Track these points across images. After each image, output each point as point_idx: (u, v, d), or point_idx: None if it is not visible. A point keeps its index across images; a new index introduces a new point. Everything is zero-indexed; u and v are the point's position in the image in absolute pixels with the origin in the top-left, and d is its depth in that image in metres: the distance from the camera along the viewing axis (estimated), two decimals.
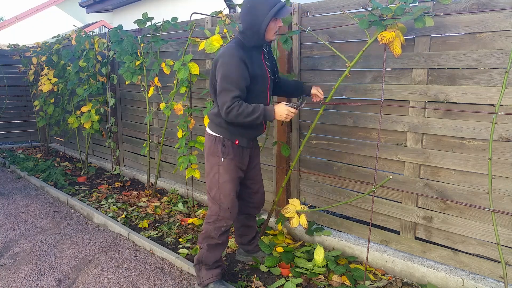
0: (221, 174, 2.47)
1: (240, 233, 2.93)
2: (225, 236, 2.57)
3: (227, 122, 2.43)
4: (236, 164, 2.49)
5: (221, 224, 2.51)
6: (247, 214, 2.84)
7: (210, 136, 2.52)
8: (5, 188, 5.07)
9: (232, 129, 2.45)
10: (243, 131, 2.48)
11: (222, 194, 2.48)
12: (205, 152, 2.56)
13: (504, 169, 2.32)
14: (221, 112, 2.33)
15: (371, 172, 2.91)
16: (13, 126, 7.49)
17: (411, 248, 2.75)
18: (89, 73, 4.96)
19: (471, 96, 2.40)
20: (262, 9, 2.26)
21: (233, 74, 2.28)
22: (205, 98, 4.01)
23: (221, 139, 2.47)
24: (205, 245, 2.55)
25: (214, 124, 2.50)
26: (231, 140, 2.47)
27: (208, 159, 2.52)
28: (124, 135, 5.47)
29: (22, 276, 2.90)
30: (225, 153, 2.46)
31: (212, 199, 2.52)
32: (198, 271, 2.60)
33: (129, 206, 4.25)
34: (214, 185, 2.49)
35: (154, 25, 4.04)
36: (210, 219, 2.53)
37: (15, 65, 6.87)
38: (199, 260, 2.59)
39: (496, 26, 2.28)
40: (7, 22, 16.03)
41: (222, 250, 2.61)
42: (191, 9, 4.02)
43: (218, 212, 2.50)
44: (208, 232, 2.53)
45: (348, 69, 2.65)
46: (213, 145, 2.49)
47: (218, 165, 2.47)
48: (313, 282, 2.69)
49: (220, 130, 2.47)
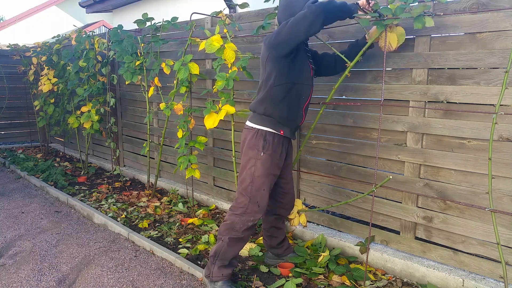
0: (257, 167, 2.46)
1: (269, 235, 2.88)
2: (249, 232, 2.53)
3: (273, 109, 2.44)
4: (273, 161, 2.49)
5: (248, 217, 2.48)
6: (277, 215, 2.81)
7: (251, 130, 2.51)
8: (5, 188, 5.07)
9: (278, 118, 2.46)
10: (287, 120, 2.48)
11: (255, 187, 2.47)
12: (243, 146, 2.55)
13: (504, 169, 2.32)
14: (300, 14, 2.23)
15: (371, 172, 2.91)
16: (13, 126, 7.49)
17: (411, 248, 2.75)
18: (89, 73, 4.96)
19: (471, 96, 2.40)
20: (298, 5, 2.36)
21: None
22: (205, 98, 4.01)
23: (263, 133, 2.47)
24: (227, 238, 2.50)
25: (257, 115, 2.50)
26: (275, 130, 2.47)
27: (246, 152, 2.51)
28: (124, 135, 5.47)
29: (22, 276, 2.90)
30: (265, 148, 2.46)
31: (243, 190, 2.50)
32: (210, 264, 2.55)
33: (129, 206, 4.25)
34: (249, 177, 2.48)
35: (154, 25, 4.04)
36: (237, 210, 2.50)
37: (15, 65, 6.87)
38: (216, 252, 2.53)
39: (496, 26, 2.28)
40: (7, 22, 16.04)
41: (242, 246, 2.57)
42: (191, 9, 4.02)
43: (247, 204, 2.47)
44: (233, 223, 2.49)
45: (348, 69, 2.66)
46: (253, 139, 2.48)
47: (256, 158, 2.47)
48: (313, 282, 2.69)
49: (265, 121, 2.47)
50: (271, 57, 2.42)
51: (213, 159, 4.14)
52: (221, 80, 3.09)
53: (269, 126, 2.48)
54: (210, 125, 3.17)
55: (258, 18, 3.46)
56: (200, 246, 3.20)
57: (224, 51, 3.09)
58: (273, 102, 2.44)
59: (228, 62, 3.12)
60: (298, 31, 2.24)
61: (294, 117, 2.51)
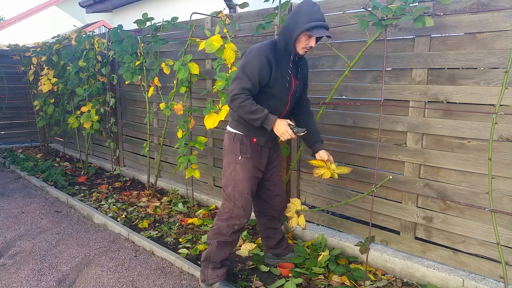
0: (237, 172, 2.47)
1: (266, 236, 2.89)
2: (236, 235, 2.56)
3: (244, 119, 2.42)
4: (253, 163, 2.49)
5: (234, 222, 2.49)
6: (270, 216, 2.80)
7: (229, 134, 2.53)
8: (5, 188, 5.07)
9: (249, 126, 2.44)
10: (256, 132, 2.46)
11: (237, 192, 2.47)
12: (224, 150, 2.57)
13: (504, 169, 2.32)
14: (228, 98, 2.36)
15: (371, 172, 2.91)
16: (13, 126, 7.50)
17: (411, 248, 2.75)
18: (89, 73, 4.96)
19: (471, 96, 2.40)
20: (301, 18, 2.24)
21: (252, 67, 2.30)
22: (205, 98, 4.01)
23: (240, 136, 2.48)
24: (215, 242, 2.54)
25: (233, 120, 2.52)
26: (249, 138, 2.47)
27: (226, 157, 2.53)
28: (124, 135, 5.47)
29: (22, 276, 2.90)
30: (242, 151, 2.46)
31: (227, 196, 2.51)
32: (204, 268, 2.59)
33: (129, 206, 4.25)
34: (230, 182, 2.49)
35: (154, 25, 4.04)
36: (223, 216, 2.52)
37: (15, 65, 6.88)
38: (207, 256, 2.57)
39: (496, 26, 2.28)
40: (7, 22, 16.04)
41: (232, 248, 2.60)
42: (191, 9, 4.02)
43: (232, 209, 2.49)
44: (220, 228, 2.52)
45: (348, 69, 2.66)
46: (231, 143, 2.50)
47: (235, 163, 2.47)
48: (313, 282, 2.69)
49: (239, 126, 2.48)
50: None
51: (213, 159, 4.14)
52: (221, 80, 3.09)
53: (243, 132, 2.47)
54: (210, 125, 3.17)
55: (258, 18, 3.46)
56: (200, 246, 3.20)
57: (224, 51, 3.09)
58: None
59: (228, 62, 3.12)
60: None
61: (264, 131, 2.44)
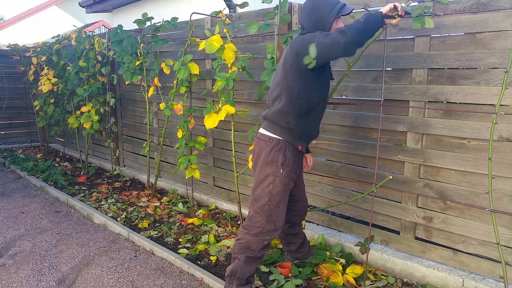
0: (276, 185, 2.33)
1: (286, 242, 2.79)
2: (264, 251, 2.43)
3: (297, 124, 2.29)
4: (291, 176, 2.37)
5: (265, 237, 2.38)
6: (291, 223, 2.70)
7: (269, 141, 2.34)
8: (5, 188, 5.07)
9: (299, 133, 2.32)
10: (307, 136, 2.39)
11: (272, 205, 2.35)
12: (258, 158, 2.39)
13: (504, 169, 2.32)
14: (334, 43, 2.09)
15: (371, 172, 2.91)
16: (13, 126, 7.49)
17: (411, 248, 2.75)
18: (89, 73, 4.96)
19: (471, 96, 2.40)
20: (325, 9, 2.24)
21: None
22: (205, 98, 4.01)
23: (283, 144, 2.32)
24: (243, 257, 2.40)
25: (277, 125, 2.33)
26: (294, 145, 2.34)
27: (264, 168, 2.35)
28: (124, 135, 5.47)
29: (22, 276, 2.90)
30: (284, 164, 2.32)
31: (259, 209, 2.37)
32: (228, 284, 2.46)
33: (129, 206, 4.25)
34: (266, 195, 2.34)
35: (154, 25, 4.04)
36: (252, 230, 2.39)
37: (15, 65, 6.88)
38: (232, 272, 2.43)
39: (496, 26, 2.28)
40: (7, 22, 16.02)
41: (258, 264, 2.48)
42: (191, 9, 4.02)
43: (264, 224, 2.35)
44: (249, 243, 2.39)
45: (348, 69, 2.66)
46: (272, 152, 2.32)
47: (274, 175, 2.32)
48: (313, 282, 2.69)
49: (284, 132, 2.32)
50: (296, 66, 2.24)
51: (213, 159, 4.14)
52: (221, 80, 3.09)
53: (289, 139, 2.32)
54: (210, 125, 3.17)
55: (258, 18, 3.46)
56: (200, 246, 3.20)
57: (224, 51, 3.09)
58: (298, 116, 2.29)
59: (228, 62, 3.12)
60: (331, 54, 2.14)
61: (314, 132, 2.42)
